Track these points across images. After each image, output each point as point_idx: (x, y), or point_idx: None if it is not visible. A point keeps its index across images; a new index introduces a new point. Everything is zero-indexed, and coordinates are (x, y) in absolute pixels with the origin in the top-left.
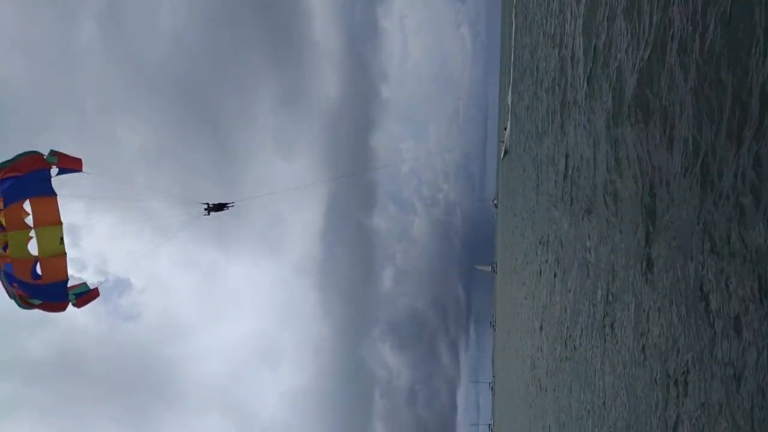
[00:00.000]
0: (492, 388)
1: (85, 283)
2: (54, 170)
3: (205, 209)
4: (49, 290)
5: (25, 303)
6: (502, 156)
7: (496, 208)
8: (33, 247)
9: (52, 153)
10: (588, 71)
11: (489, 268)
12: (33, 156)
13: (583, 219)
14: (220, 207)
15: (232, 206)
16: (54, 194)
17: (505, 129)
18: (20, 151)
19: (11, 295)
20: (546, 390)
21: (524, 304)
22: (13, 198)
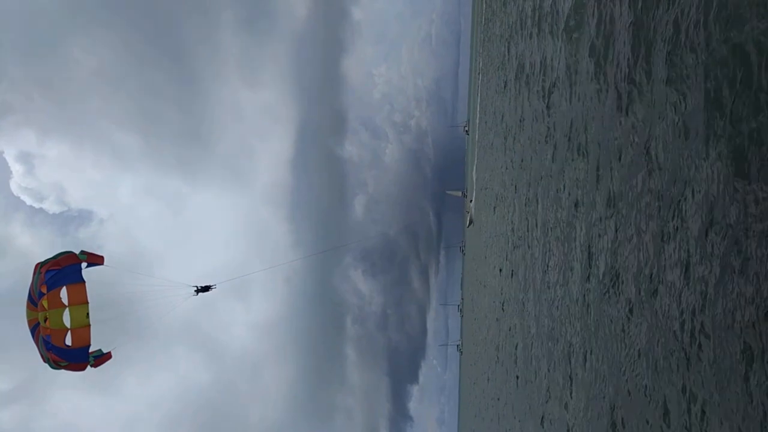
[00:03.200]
0: (460, 310)
1: (100, 350)
2: (84, 264)
3: (195, 290)
4: (76, 354)
5: (56, 365)
6: (467, 225)
7: (467, 134)
8: (66, 320)
9: (82, 252)
10: None
11: (459, 193)
12: (69, 254)
13: (552, 147)
14: (206, 288)
15: (215, 288)
16: (83, 281)
17: (471, 202)
18: None
19: (45, 359)
20: (509, 309)
21: (492, 228)
22: (54, 285)
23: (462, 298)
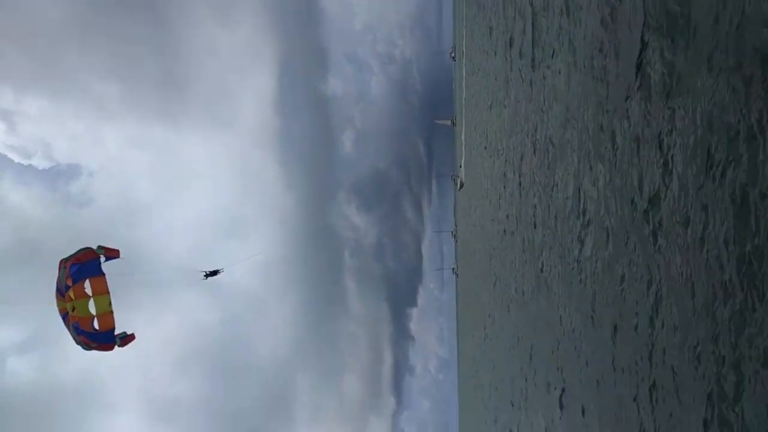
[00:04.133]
0: (454, 235)
1: (124, 332)
2: (102, 258)
3: (204, 275)
4: (103, 336)
5: (87, 346)
6: (459, 188)
7: (454, 60)
8: (92, 308)
9: (100, 247)
10: None
11: (449, 122)
12: (88, 250)
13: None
14: (214, 273)
15: (222, 272)
16: (103, 274)
17: (461, 167)
18: None
19: (77, 342)
20: (505, 231)
21: (483, 153)
22: (78, 279)
23: (455, 224)
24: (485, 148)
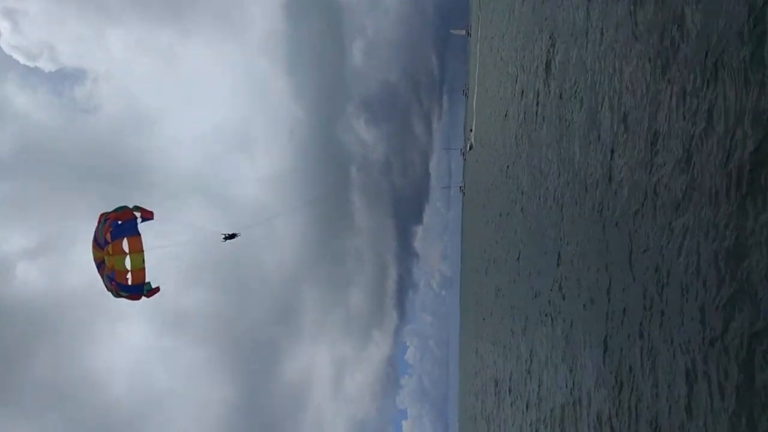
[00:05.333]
0: (462, 153)
1: (149, 283)
2: (139, 219)
3: (224, 237)
4: (134, 288)
5: (117, 294)
6: (468, 149)
7: None
8: (127, 264)
9: (136, 207)
10: None
11: (463, 31)
12: (127, 210)
13: None
14: (232, 236)
15: (239, 235)
16: (139, 234)
17: (471, 131)
18: None
19: (108, 288)
20: (520, 142)
21: (498, 65)
22: (117, 236)
23: (465, 141)
24: (501, 59)
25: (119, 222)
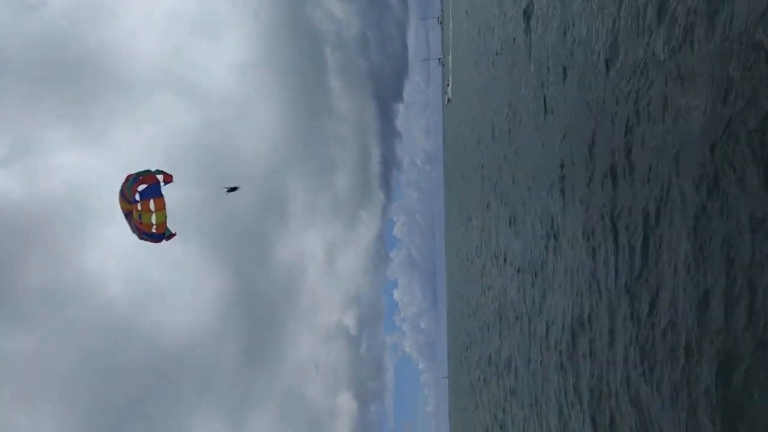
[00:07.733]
0: (441, 22)
1: (168, 230)
2: (162, 183)
3: (227, 190)
4: (157, 236)
5: (140, 237)
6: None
7: None
8: (153, 219)
9: (158, 171)
10: None
11: None
12: (149, 174)
13: None
14: (234, 189)
15: (239, 188)
16: (162, 195)
17: (448, 84)
18: None
19: (133, 230)
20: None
21: None
22: (144, 197)
23: (442, 10)
24: None
25: (146, 185)
